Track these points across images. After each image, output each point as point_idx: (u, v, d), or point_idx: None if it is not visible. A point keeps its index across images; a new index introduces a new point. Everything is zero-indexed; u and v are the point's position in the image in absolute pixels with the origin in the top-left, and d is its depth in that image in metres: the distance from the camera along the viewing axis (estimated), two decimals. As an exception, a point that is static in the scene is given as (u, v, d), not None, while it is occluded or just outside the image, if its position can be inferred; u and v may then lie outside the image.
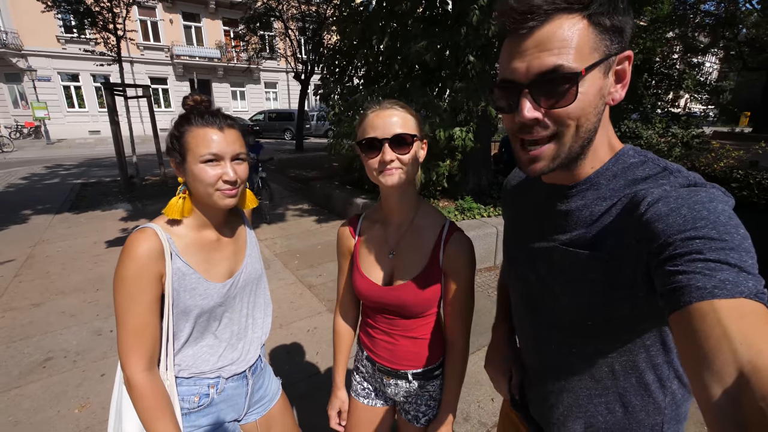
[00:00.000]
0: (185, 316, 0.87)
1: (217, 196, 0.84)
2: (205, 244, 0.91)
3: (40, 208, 5.79)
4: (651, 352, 0.57)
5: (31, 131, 16.01)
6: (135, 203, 6.10)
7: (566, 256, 0.58)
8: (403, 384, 0.98)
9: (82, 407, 1.97)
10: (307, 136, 16.80)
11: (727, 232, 0.41)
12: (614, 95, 0.53)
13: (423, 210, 0.93)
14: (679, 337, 0.40)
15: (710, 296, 0.37)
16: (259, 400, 1.08)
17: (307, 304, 3.08)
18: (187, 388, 0.91)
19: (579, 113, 0.50)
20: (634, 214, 0.48)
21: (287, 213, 5.67)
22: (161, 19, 17.93)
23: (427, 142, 0.90)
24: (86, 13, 7.29)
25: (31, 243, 4.35)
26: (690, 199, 0.45)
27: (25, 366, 2.29)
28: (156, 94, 18.38)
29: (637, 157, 0.56)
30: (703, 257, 0.39)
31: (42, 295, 3.16)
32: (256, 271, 1.03)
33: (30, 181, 7.86)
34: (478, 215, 4.11)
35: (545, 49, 0.48)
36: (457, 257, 0.89)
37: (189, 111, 0.86)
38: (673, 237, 0.42)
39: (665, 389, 0.60)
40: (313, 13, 10.72)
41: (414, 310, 0.91)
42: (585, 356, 0.62)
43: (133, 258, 0.78)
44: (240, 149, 0.86)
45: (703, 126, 6.49)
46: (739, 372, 0.33)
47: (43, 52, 15.66)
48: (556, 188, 0.62)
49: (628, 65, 0.52)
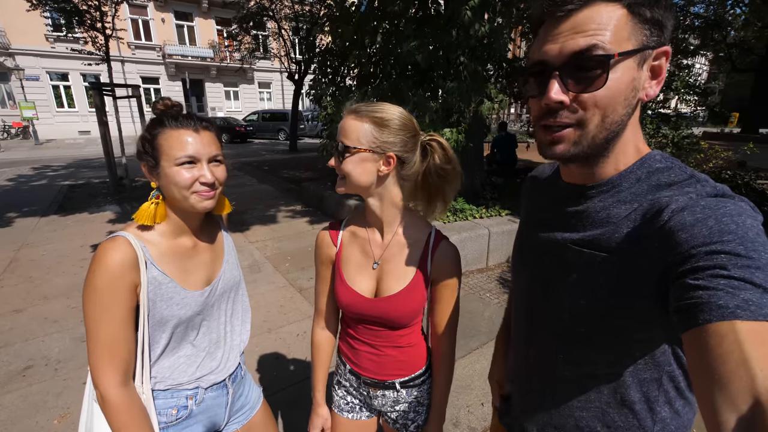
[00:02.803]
0: (162, 326, 0.84)
1: (194, 199, 0.82)
2: (182, 252, 0.88)
3: (26, 210, 5.67)
4: (639, 365, 0.55)
5: (19, 131, 15.76)
6: (124, 205, 6.00)
7: (578, 257, 0.56)
8: (390, 394, 0.96)
9: (62, 418, 1.91)
10: (301, 137, 16.74)
11: (755, 249, 0.38)
12: (648, 91, 0.51)
13: (408, 219, 0.90)
14: (692, 356, 0.38)
15: (732, 316, 0.35)
16: (240, 409, 1.04)
17: (297, 307, 3.04)
18: (164, 401, 0.87)
19: (607, 101, 0.48)
20: (657, 220, 0.47)
21: (279, 214, 5.62)
22: (152, 18, 17.74)
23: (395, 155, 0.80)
24: (73, 12, 7.17)
25: (15, 246, 4.25)
26: (718, 210, 0.42)
27: (3, 375, 2.22)
28: (148, 93, 18.18)
29: (664, 162, 0.54)
30: (727, 273, 0.37)
31: (24, 301, 3.08)
32: (234, 277, 1.00)
33: (16, 183, 7.70)
34: (470, 216, 4.10)
35: (581, 30, 0.47)
36: (445, 266, 0.87)
37: (161, 114, 0.83)
38: (697, 249, 0.40)
39: (654, 413, 0.57)
40: (306, 13, 10.68)
41: (401, 322, 0.89)
42: (572, 364, 0.60)
43: (106, 268, 0.75)
44: (216, 151, 0.84)
45: (694, 126, 6.56)
46: (756, 400, 0.31)
47: (31, 50, 15.41)
48: (576, 188, 0.60)
49: (665, 61, 0.50)
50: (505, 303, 3.08)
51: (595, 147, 0.52)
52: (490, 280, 3.49)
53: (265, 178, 8.42)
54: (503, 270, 3.73)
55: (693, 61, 14.60)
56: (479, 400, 2.03)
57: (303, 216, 5.53)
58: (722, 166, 5.27)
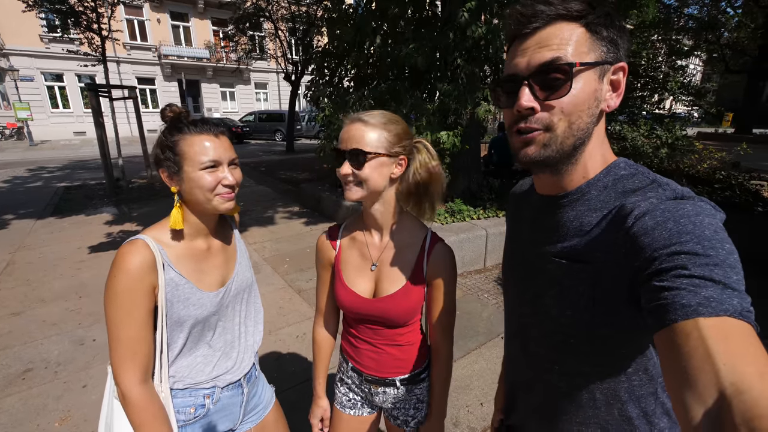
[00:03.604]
0: (179, 326, 0.87)
1: (217, 201, 0.86)
2: (197, 253, 0.91)
3: (21, 212, 5.63)
4: (633, 382, 0.57)
5: (14, 132, 15.62)
6: (121, 207, 5.97)
7: (558, 268, 0.58)
8: (391, 391, 0.99)
9: (63, 420, 1.92)
10: (298, 137, 16.71)
11: (712, 246, 0.40)
12: (609, 102, 0.55)
13: (404, 222, 0.93)
14: (663, 356, 0.39)
15: (695, 314, 0.37)
16: (253, 408, 1.07)
17: (296, 309, 3.05)
18: (183, 400, 0.90)
19: (572, 108, 0.52)
20: (622, 227, 0.49)
21: (277, 216, 5.62)
22: (148, 19, 17.64)
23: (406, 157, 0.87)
24: (69, 13, 7.12)
25: (11, 249, 4.23)
26: (676, 212, 0.44)
27: (2, 378, 2.22)
28: (144, 94, 18.08)
29: (628, 169, 0.57)
30: (688, 273, 0.39)
31: (22, 304, 3.07)
32: (247, 279, 1.03)
33: (12, 185, 7.64)
34: (468, 217, 4.12)
35: (545, 45, 0.52)
36: (440, 267, 0.90)
37: (176, 120, 0.87)
38: (658, 252, 0.42)
39: (652, 425, 0.58)
40: (303, 14, 10.67)
41: (399, 321, 0.92)
42: (566, 376, 0.62)
43: (126, 272, 0.78)
44: (234, 154, 0.89)
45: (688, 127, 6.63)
46: (721, 394, 0.32)
47: (25, 51, 15.29)
48: (548, 199, 0.63)
49: (622, 76, 0.55)
50: (502, 304, 3.10)
51: (563, 152, 0.55)
52: (488, 281, 3.52)
53: (263, 179, 8.41)
54: (501, 271, 3.76)
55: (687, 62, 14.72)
56: (478, 400, 2.05)
57: (301, 217, 5.53)
58: (716, 166, 5.33)
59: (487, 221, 4.05)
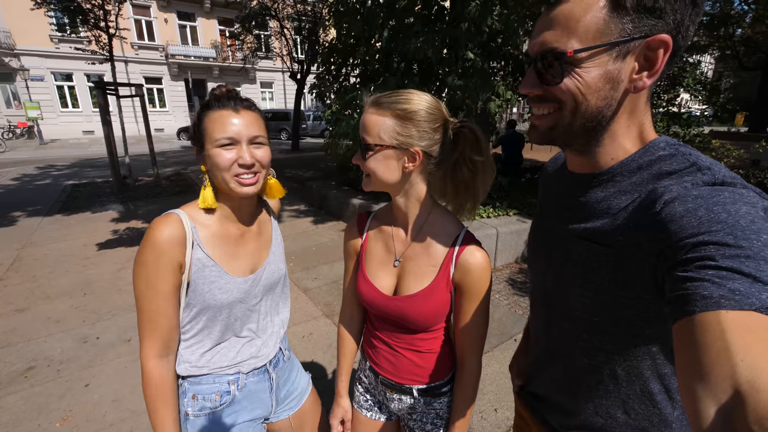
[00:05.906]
0: (203, 309, 0.84)
1: (234, 184, 0.80)
2: (229, 237, 0.88)
3: (29, 209, 5.65)
4: (657, 360, 0.55)
5: (24, 131, 15.80)
6: (127, 204, 5.98)
7: (582, 248, 0.57)
8: (407, 399, 0.91)
9: (64, 420, 1.87)
10: (304, 136, 16.71)
11: (745, 237, 0.37)
12: (637, 83, 0.49)
13: (436, 217, 0.83)
14: (679, 347, 0.37)
15: (716, 306, 0.34)
16: (288, 395, 1.03)
17: (302, 308, 2.99)
18: (208, 386, 0.87)
19: (573, 93, 0.50)
20: (649, 212, 0.47)
21: (283, 214, 5.57)
22: (155, 18, 17.75)
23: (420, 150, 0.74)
24: (77, 11, 7.16)
25: (18, 245, 4.23)
26: (710, 199, 0.41)
27: (5, 376, 2.18)
28: (151, 93, 18.19)
29: (668, 149, 0.52)
30: (714, 264, 0.37)
31: (27, 300, 3.05)
32: (279, 270, 0.99)
33: (21, 182, 7.71)
34: (478, 216, 4.03)
35: (550, 27, 0.49)
36: (470, 271, 0.78)
37: (215, 97, 0.82)
38: (684, 241, 0.40)
39: (674, 402, 0.57)
40: (309, 12, 10.63)
41: (418, 325, 0.83)
42: (590, 351, 0.60)
43: (153, 243, 0.76)
44: (257, 132, 0.81)
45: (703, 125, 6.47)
46: (736, 390, 0.30)
47: (35, 51, 15.45)
48: (579, 177, 0.61)
49: (662, 52, 0.47)
50: (514, 305, 3.01)
51: (572, 133, 0.53)
52: (499, 282, 3.42)
53: (269, 177, 8.38)
54: (512, 271, 3.66)
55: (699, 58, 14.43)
56: (492, 406, 1.97)
57: (306, 216, 5.48)
58: (735, 165, 5.17)
59: (497, 220, 3.95)
